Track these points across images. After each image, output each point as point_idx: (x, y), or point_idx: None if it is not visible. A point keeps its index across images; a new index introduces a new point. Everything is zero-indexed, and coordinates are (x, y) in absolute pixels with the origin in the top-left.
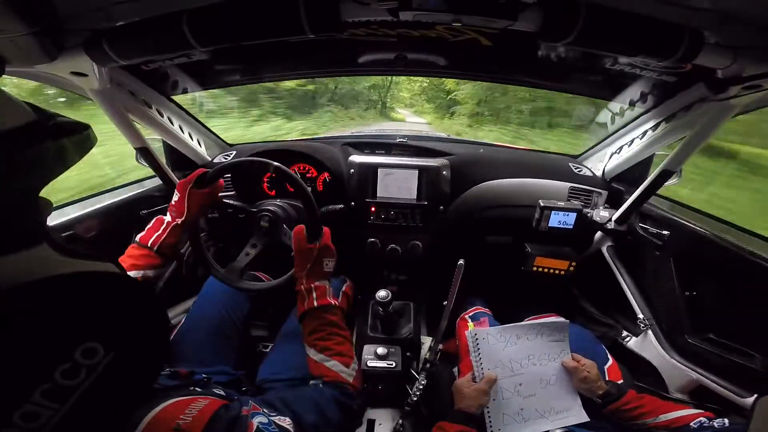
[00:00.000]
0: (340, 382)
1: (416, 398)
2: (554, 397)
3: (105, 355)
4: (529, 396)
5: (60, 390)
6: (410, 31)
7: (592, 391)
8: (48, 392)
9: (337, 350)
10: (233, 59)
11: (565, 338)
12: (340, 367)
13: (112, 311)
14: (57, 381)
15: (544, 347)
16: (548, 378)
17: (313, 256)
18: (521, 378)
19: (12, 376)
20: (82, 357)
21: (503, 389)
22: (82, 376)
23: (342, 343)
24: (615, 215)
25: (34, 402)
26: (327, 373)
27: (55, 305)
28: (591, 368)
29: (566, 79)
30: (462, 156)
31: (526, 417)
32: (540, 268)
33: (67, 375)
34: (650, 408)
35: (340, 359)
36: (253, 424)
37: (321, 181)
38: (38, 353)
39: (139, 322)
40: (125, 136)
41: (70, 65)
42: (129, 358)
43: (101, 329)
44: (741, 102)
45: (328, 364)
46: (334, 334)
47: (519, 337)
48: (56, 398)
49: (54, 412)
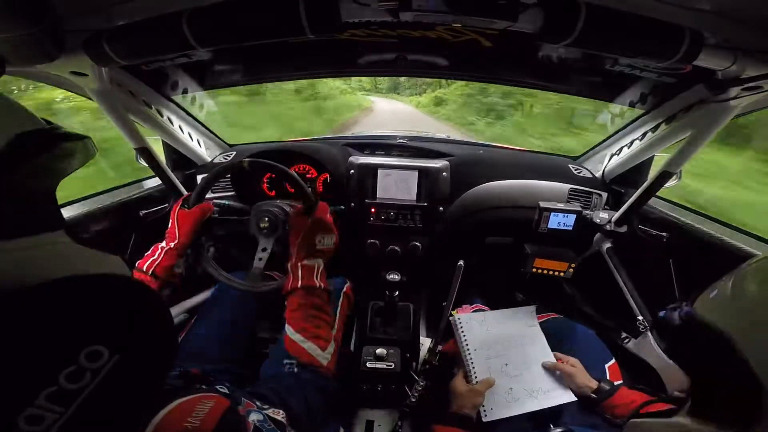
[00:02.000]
0: (315, 365)
1: (415, 399)
2: (541, 378)
3: (110, 358)
4: (516, 376)
5: (64, 393)
6: (410, 32)
7: (581, 388)
8: (52, 396)
9: (314, 333)
10: (233, 59)
11: (536, 323)
12: (317, 351)
13: (117, 314)
14: (61, 384)
15: (520, 331)
16: (530, 360)
17: (304, 230)
18: (506, 359)
19: (16, 380)
20: (86, 360)
21: (491, 369)
22: (87, 380)
23: (321, 326)
24: (614, 217)
25: (39, 405)
26: (302, 355)
27: (60, 308)
28: (574, 365)
29: (566, 80)
30: (462, 157)
31: (515, 396)
32: (539, 270)
33: (71, 378)
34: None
35: (316, 342)
36: (250, 424)
37: (321, 182)
38: (43, 356)
39: (144, 325)
40: (125, 136)
41: (70, 65)
42: (134, 361)
43: (106, 332)
44: (741, 103)
45: (305, 345)
46: (315, 316)
47: (499, 322)
48: (61, 402)
49: (58, 416)
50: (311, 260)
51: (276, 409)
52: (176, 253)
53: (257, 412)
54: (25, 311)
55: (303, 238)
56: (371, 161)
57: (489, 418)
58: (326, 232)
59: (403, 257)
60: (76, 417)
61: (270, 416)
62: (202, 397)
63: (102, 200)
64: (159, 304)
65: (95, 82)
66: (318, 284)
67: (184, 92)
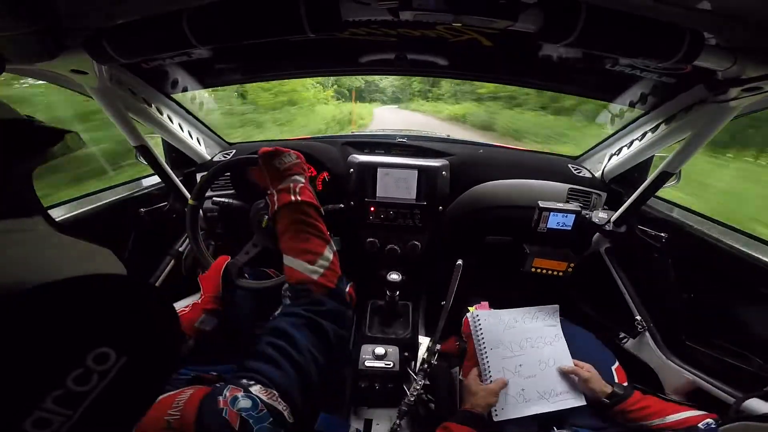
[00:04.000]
0: (306, 282)
1: (414, 398)
2: (553, 380)
3: (117, 360)
4: (529, 377)
5: (72, 396)
6: (411, 31)
7: (596, 393)
8: (60, 398)
9: (300, 248)
10: (233, 58)
11: (557, 323)
12: (304, 266)
13: (125, 316)
14: (69, 387)
15: (540, 331)
16: (546, 360)
17: (261, 170)
18: (521, 359)
19: (23, 383)
20: (94, 362)
21: (505, 369)
22: (94, 382)
23: (308, 239)
24: (614, 217)
25: (46, 409)
26: (291, 276)
27: (67, 310)
28: (590, 370)
29: (566, 80)
30: (461, 156)
31: (527, 398)
32: (538, 269)
33: (79, 381)
34: (657, 409)
35: (303, 257)
36: (235, 415)
37: (320, 181)
38: (50, 359)
39: (151, 327)
40: (124, 133)
41: (70, 63)
42: (141, 362)
43: (113, 334)
44: (741, 104)
45: (293, 264)
46: (300, 231)
47: (516, 321)
48: (68, 404)
49: (66, 419)
50: (284, 182)
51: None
52: (200, 307)
53: (245, 398)
54: (31, 313)
55: (266, 173)
56: (371, 160)
57: (500, 418)
58: (277, 155)
59: (403, 256)
60: (84, 420)
61: (259, 398)
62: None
63: (102, 198)
64: (165, 305)
65: (95, 80)
66: (295, 198)
67: (184, 90)
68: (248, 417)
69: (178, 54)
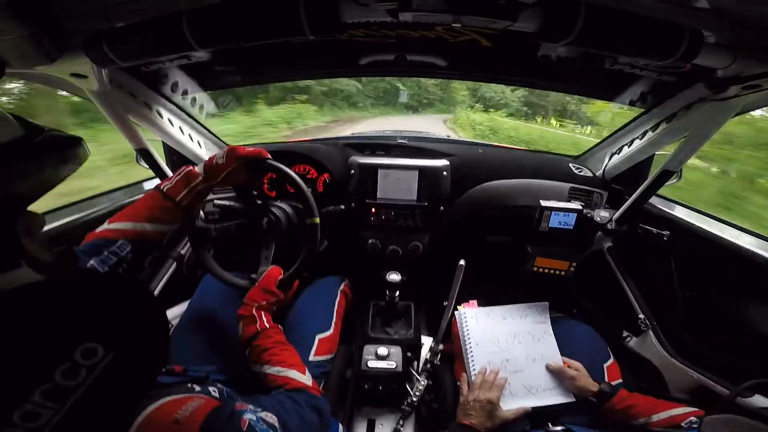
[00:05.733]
0: (303, 387)
1: (416, 399)
2: (541, 375)
3: (105, 356)
4: (516, 372)
5: (60, 390)
6: (410, 32)
7: (583, 391)
8: (48, 392)
9: (290, 362)
10: (233, 60)
11: (547, 320)
12: (300, 376)
13: (112, 311)
14: (57, 381)
15: (529, 327)
16: (534, 356)
17: (272, 300)
18: (507, 354)
19: (12, 376)
20: (81, 357)
21: (491, 364)
22: (82, 376)
23: (293, 355)
24: (615, 215)
25: (34, 402)
26: (289, 382)
27: (55, 306)
28: (578, 369)
29: (566, 79)
30: (462, 157)
31: (513, 392)
32: (540, 269)
33: (66, 375)
34: (643, 407)
35: (298, 369)
36: (245, 420)
37: (321, 182)
38: (38, 353)
39: (138, 322)
40: (125, 137)
41: (69, 67)
42: (129, 358)
43: (101, 329)
44: (741, 102)
45: (289, 374)
46: (284, 349)
47: (505, 318)
48: (56, 398)
49: (54, 412)
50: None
51: (269, 413)
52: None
53: (251, 413)
54: (19, 308)
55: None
56: (371, 161)
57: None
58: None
59: (404, 257)
60: (72, 413)
61: (263, 419)
62: (193, 396)
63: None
64: (153, 301)
65: (95, 84)
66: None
67: (184, 93)
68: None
69: (178, 57)
